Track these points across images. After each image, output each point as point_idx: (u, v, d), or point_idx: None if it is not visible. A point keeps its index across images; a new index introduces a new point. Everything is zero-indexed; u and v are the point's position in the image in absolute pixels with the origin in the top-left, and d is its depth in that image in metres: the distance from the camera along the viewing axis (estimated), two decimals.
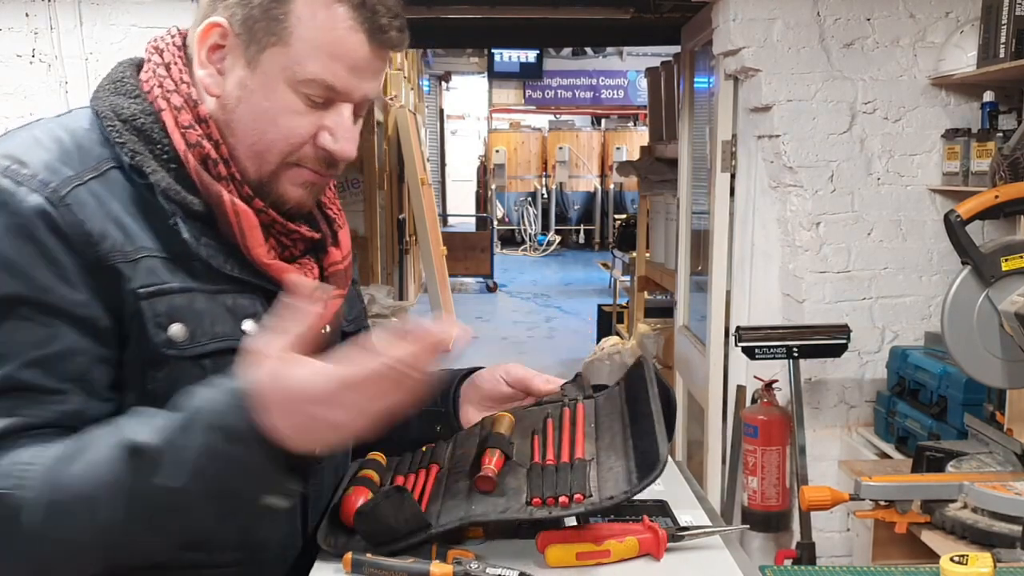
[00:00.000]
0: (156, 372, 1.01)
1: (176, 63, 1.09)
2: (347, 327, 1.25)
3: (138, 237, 1.02)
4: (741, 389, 3.32)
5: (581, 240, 15.01)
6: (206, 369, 1.03)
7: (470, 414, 1.29)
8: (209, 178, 1.05)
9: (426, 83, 14.11)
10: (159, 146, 1.05)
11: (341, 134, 1.07)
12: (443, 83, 16.04)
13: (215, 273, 1.05)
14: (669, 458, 1.25)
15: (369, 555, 1.00)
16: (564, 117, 15.87)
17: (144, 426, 0.92)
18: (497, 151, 14.60)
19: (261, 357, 0.91)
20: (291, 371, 0.89)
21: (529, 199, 14.66)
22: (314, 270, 1.14)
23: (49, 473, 0.90)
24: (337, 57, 1.03)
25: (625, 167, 6.76)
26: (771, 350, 2.82)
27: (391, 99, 8.28)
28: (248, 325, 1.07)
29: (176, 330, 1.02)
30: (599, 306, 7.64)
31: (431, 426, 1.28)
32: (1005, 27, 2.68)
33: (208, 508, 0.91)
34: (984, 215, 2.23)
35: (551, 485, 1.03)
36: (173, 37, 1.12)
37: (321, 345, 1.12)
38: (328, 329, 1.16)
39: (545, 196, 14.73)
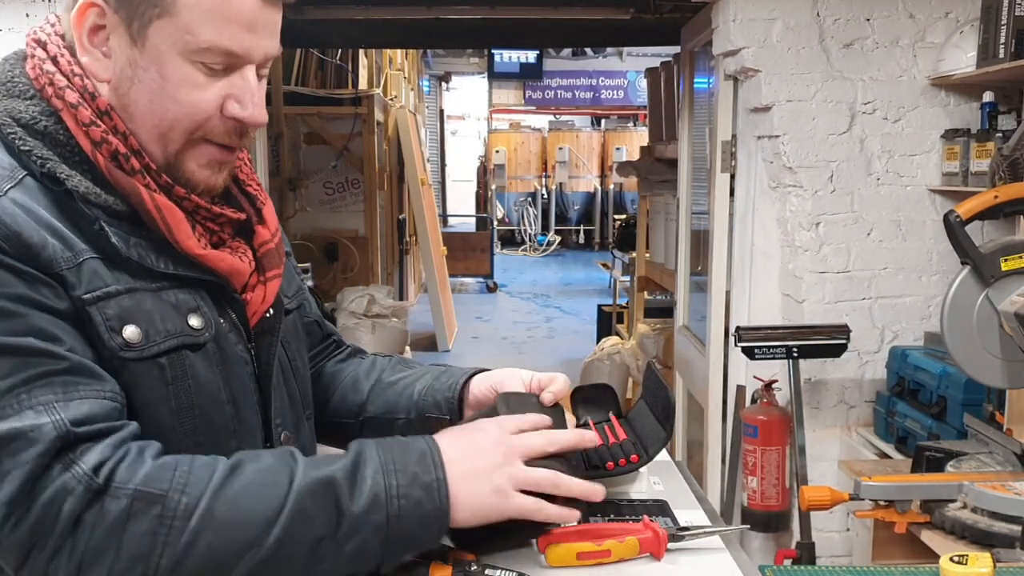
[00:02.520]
0: (115, 377, 0.96)
1: (63, 54, 1.01)
2: (288, 303, 1.20)
3: (73, 241, 0.96)
4: (741, 389, 3.32)
5: (581, 240, 15.02)
6: (164, 368, 0.99)
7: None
8: (123, 176, 0.99)
9: (426, 83, 14.12)
10: (67, 148, 0.98)
11: (249, 99, 1.00)
12: (443, 83, 16.05)
13: (150, 271, 1.00)
14: (670, 459, 1.27)
15: None
16: (564, 117, 15.88)
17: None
18: (497, 151, 14.60)
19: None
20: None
21: (529, 199, 14.66)
22: (248, 253, 1.09)
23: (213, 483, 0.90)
24: (230, 18, 0.96)
25: (625, 167, 6.76)
26: (771, 350, 2.82)
27: (391, 99, 8.29)
28: (194, 320, 1.02)
29: (131, 332, 0.97)
30: (599, 306, 7.64)
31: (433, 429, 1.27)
32: (1005, 27, 2.68)
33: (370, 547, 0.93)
34: (984, 215, 2.23)
35: (604, 454, 1.17)
36: (54, 25, 1.04)
37: (267, 329, 1.12)
38: (271, 313, 1.12)
39: (545, 196, 14.74)
